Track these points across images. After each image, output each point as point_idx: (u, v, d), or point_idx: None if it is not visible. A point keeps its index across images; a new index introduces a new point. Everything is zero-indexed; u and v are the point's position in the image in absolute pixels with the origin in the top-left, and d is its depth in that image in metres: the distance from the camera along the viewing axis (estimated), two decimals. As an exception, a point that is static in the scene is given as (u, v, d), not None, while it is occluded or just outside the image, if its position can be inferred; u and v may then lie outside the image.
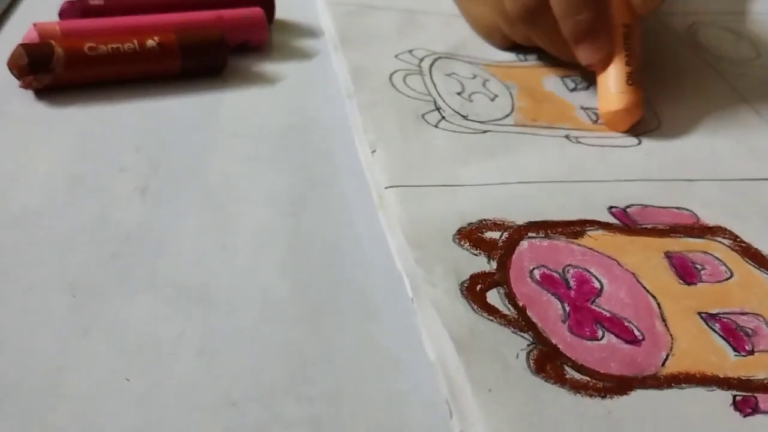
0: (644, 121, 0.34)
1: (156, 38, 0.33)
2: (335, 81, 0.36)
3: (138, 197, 0.27)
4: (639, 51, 0.34)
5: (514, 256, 0.25)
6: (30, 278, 0.24)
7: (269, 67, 0.37)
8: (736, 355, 0.23)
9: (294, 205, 0.28)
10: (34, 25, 0.33)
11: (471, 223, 0.26)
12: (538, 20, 0.35)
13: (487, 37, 0.40)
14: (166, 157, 0.30)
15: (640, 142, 0.33)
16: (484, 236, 0.26)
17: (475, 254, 0.25)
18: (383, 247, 0.26)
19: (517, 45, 0.39)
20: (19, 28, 0.34)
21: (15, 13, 0.38)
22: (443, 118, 0.33)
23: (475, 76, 0.36)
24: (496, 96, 0.35)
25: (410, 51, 0.38)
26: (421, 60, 0.37)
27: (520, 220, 0.27)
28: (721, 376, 0.22)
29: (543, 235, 0.26)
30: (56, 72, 0.31)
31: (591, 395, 0.21)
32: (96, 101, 0.32)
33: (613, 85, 0.34)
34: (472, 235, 0.26)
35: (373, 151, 0.30)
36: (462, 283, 0.24)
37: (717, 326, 0.24)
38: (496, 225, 0.27)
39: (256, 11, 0.38)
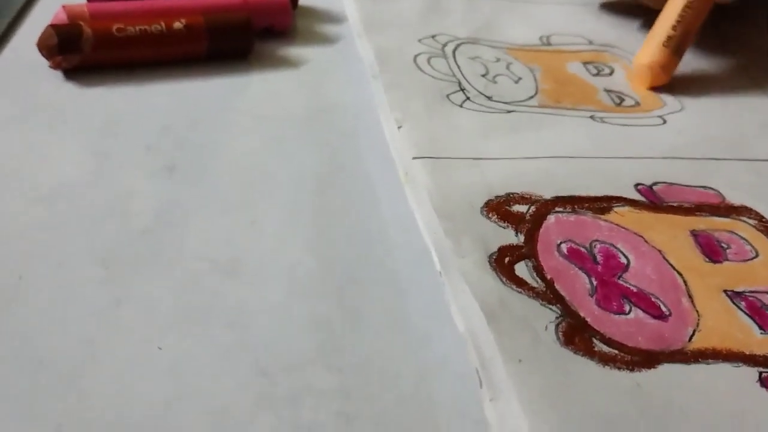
0: (668, 104, 0.34)
1: (183, 20, 0.33)
2: (359, 65, 0.36)
3: (166, 175, 0.28)
4: (694, 29, 0.36)
5: (541, 229, 0.25)
6: (62, 253, 0.24)
7: (294, 51, 0.37)
8: (762, 333, 0.23)
9: (320, 184, 0.28)
10: (63, 7, 0.33)
11: (498, 196, 0.27)
12: None
13: None
14: (192, 136, 0.30)
15: (665, 122, 0.33)
16: (511, 209, 0.26)
17: (503, 227, 0.25)
18: (408, 224, 0.26)
19: None
20: (49, 10, 0.34)
21: (44, -4, 0.39)
22: (468, 98, 0.33)
23: (498, 60, 0.36)
24: (520, 78, 0.35)
25: (433, 36, 0.38)
26: (444, 45, 0.37)
27: (547, 195, 0.27)
28: (747, 353, 0.22)
29: (570, 210, 0.27)
30: (85, 52, 0.31)
31: (619, 368, 0.21)
32: (124, 82, 0.32)
33: (650, 42, 0.35)
34: (499, 208, 0.26)
35: (399, 127, 0.30)
36: (490, 255, 0.24)
37: (743, 304, 0.24)
38: (523, 198, 0.27)
39: (281, -4, 0.38)
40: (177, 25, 0.33)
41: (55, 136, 0.29)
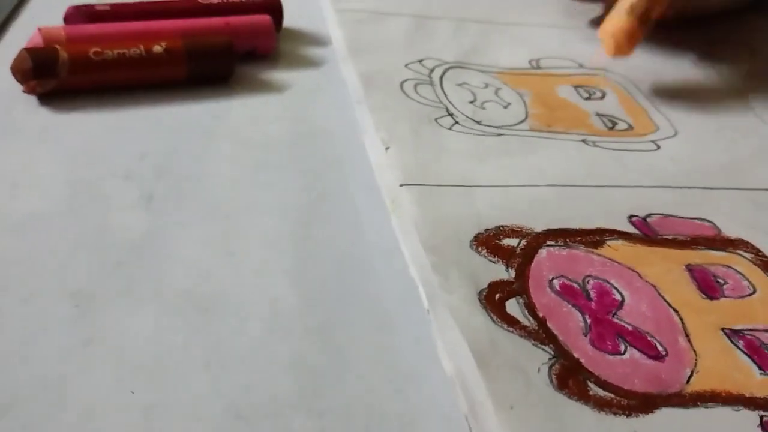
0: (661, 128, 0.34)
1: (163, 44, 0.32)
2: (344, 90, 0.35)
3: (143, 205, 0.27)
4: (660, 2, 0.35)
5: (532, 264, 0.25)
6: (31, 286, 0.23)
7: (277, 75, 0.36)
8: (761, 374, 0.22)
9: (303, 214, 0.27)
10: (39, 29, 0.32)
11: (488, 229, 0.26)
12: None
13: None
14: (171, 164, 0.29)
15: (658, 147, 0.32)
16: (501, 243, 0.25)
17: (493, 261, 0.24)
18: (395, 257, 0.25)
19: None
20: (24, 33, 0.33)
21: (19, 18, 0.37)
22: (456, 122, 0.32)
23: (486, 86, 0.36)
24: (509, 104, 0.34)
25: (420, 61, 0.37)
26: (432, 70, 0.36)
27: (539, 227, 0.26)
28: (747, 396, 0.21)
29: (562, 244, 0.26)
30: (61, 77, 0.30)
31: (615, 413, 0.20)
32: (101, 107, 0.31)
33: (617, 10, 0.35)
34: (489, 242, 0.25)
35: (387, 148, 0.29)
36: (480, 291, 0.23)
37: (741, 343, 0.23)
38: (513, 231, 0.26)
39: (264, 19, 0.37)
40: (156, 48, 0.32)
41: (27, 162, 0.28)
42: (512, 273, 0.24)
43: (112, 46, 0.31)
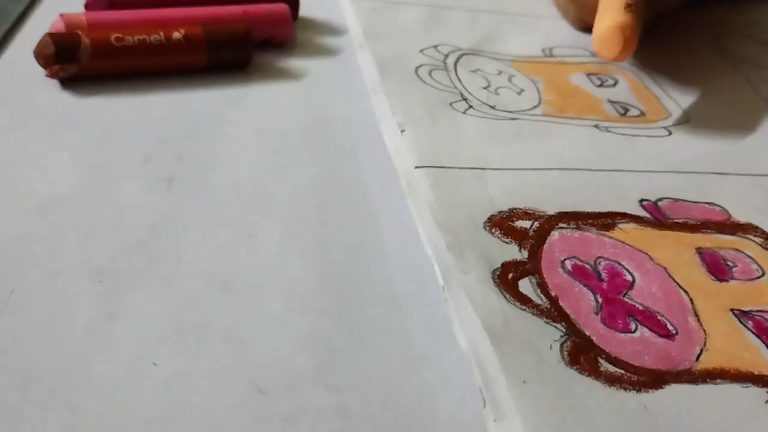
0: (673, 114, 0.34)
1: (182, 31, 0.33)
2: (360, 78, 0.35)
3: (163, 187, 0.27)
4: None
5: (545, 246, 0.25)
6: (55, 265, 0.23)
7: (293, 63, 0.37)
8: (770, 353, 0.22)
9: (319, 198, 0.28)
10: (61, 15, 0.32)
11: (501, 211, 0.26)
12: None
13: (563, 16, 0.43)
14: (191, 148, 0.29)
15: (670, 133, 0.33)
16: (514, 225, 0.26)
17: (506, 242, 0.25)
18: (409, 240, 0.26)
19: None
20: (46, 19, 0.34)
21: (41, 4, 0.38)
22: (471, 107, 0.32)
23: (500, 72, 0.36)
24: (523, 90, 0.35)
25: (435, 46, 0.37)
26: (446, 56, 0.37)
27: (551, 210, 0.27)
28: (756, 373, 0.22)
29: (574, 226, 0.26)
30: (82, 62, 0.31)
31: (626, 389, 0.20)
32: (121, 92, 0.32)
33: (610, 8, 0.33)
34: (503, 224, 0.26)
35: (402, 131, 0.29)
36: (494, 271, 0.23)
37: (750, 324, 0.23)
38: (526, 214, 0.26)
39: (281, 7, 0.37)
40: (176, 35, 0.32)
41: (50, 146, 0.29)
42: (525, 254, 0.24)
43: (133, 33, 0.32)
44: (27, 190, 0.26)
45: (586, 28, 0.41)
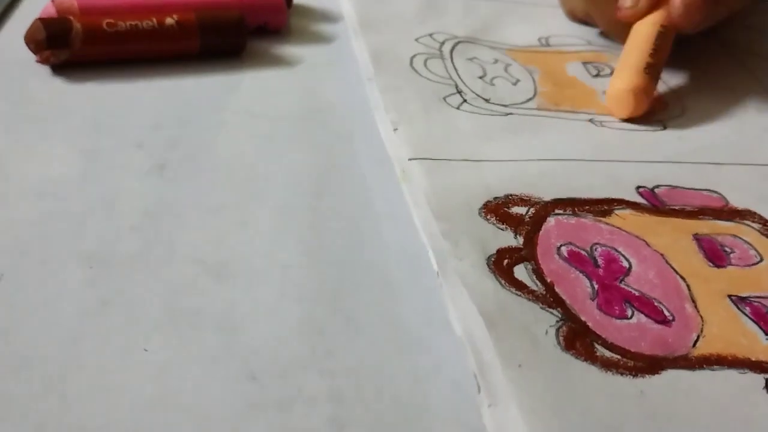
0: (669, 108, 0.34)
1: (175, 16, 0.32)
2: (354, 65, 0.35)
3: (156, 173, 0.27)
4: (665, 55, 0.34)
5: (541, 232, 0.25)
6: (47, 251, 0.23)
7: (288, 50, 0.36)
8: (767, 339, 0.22)
9: (313, 184, 0.27)
10: (52, 0, 0.32)
11: (497, 198, 0.26)
12: None
13: (562, 7, 0.43)
14: (184, 135, 0.29)
15: (665, 128, 0.33)
16: (510, 211, 0.25)
17: (502, 229, 0.25)
18: (403, 226, 0.26)
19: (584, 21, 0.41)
20: (37, 4, 0.33)
21: (33, -11, 0.38)
22: (465, 101, 0.32)
23: (496, 61, 0.36)
24: (518, 80, 0.35)
25: (431, 35, 0.37)
26: (442, 44, 0.37)
27: (547, 197, 0.26)
28: (753, 359, 0.22)
29: (570, 213, 0.26)
30: (74, 47, 0.31)
31: (622, 373, 0.20)
32: (113, 78, 0.32)
33: (629, 67, 0.33)
34: (498, 210, 0.25)
35: (395, 129, 0.29)
36: (489, 257, 0.23)
37: (747, 310, 0.23)
38: (522, 200, 0.26)
39: (276, -6, 0.37)
40: (169, 21, 0.32)
41: (42, 132, 0.28)
42: (520, 240, 0.24)
43: (125, 18, 0.32)
44: (18, 176, 0.26)
45: (577, 21, 0.42)
